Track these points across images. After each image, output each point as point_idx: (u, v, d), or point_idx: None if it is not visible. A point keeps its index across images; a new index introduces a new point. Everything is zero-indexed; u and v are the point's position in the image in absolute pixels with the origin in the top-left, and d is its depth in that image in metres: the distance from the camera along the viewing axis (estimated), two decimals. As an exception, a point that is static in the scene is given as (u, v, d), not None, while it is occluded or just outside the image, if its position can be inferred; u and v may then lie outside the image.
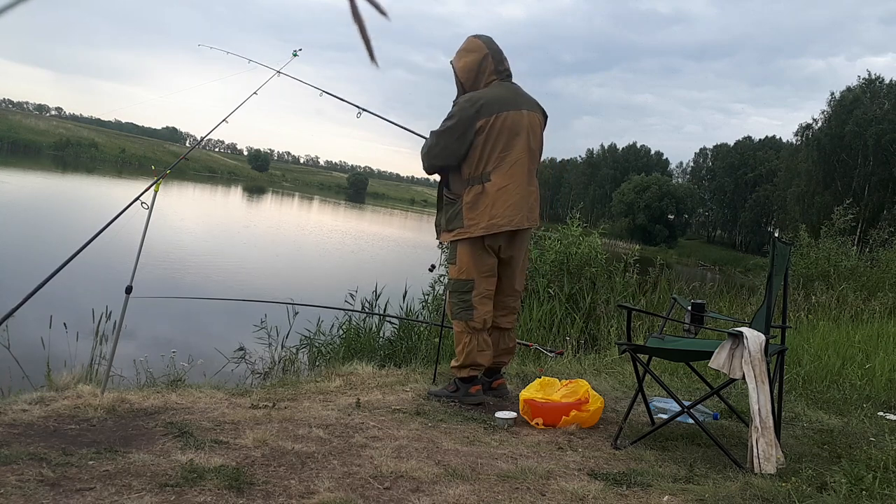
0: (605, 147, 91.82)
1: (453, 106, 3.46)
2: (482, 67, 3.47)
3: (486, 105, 3.36)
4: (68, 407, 2.79)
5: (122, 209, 3.07)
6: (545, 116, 3.63)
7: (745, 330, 2.77)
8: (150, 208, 3.08)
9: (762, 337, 2.75)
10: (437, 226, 3.68)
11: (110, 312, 4.70)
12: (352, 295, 6.87)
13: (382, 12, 0.58)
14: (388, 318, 6.66)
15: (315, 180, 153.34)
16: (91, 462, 2.22)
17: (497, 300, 3.58)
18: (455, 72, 3.53)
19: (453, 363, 3.57)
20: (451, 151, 3.41)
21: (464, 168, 3.42)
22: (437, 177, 3.68)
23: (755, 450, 2.67)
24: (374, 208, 77.49)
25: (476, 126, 3.34)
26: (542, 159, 3.70)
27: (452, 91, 3.59)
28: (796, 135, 53.32)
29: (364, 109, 4.19)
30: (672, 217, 71.72)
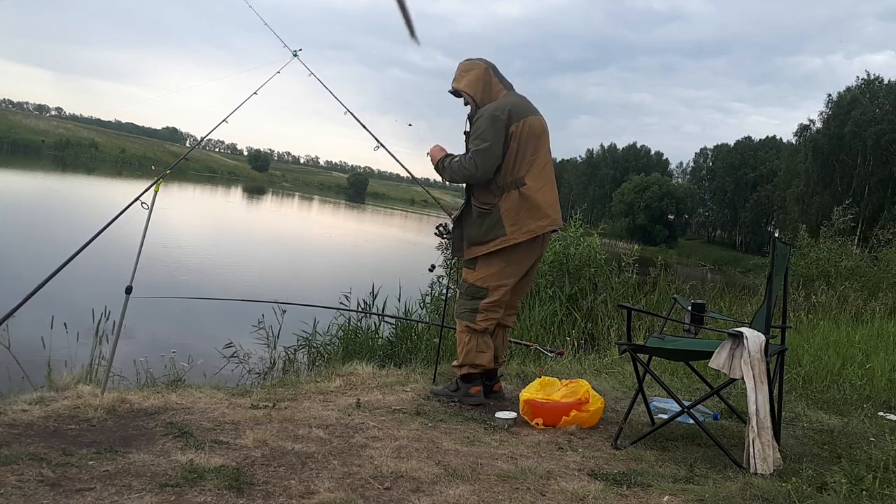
0: (605, 147, 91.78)
1: (477, 119, 3.41)
2: (487, 79, 3.47)
3: (513, 111, 3.38)
4: (68, 407, 2.79)
5: (122, 209, 3.07)
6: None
7: (745, 330, 2.77)
8: (150, 208, 3.08)
9: (762, 337, 2.75)
10: (457, 241, 3.59)
11: (109, 312, 4.70)
12: (346, 297, 6.85)
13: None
14: (386, 319, 6.66)
15: (315, 180, 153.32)
16: (91, 462, 2.22)
17: (508, 300, 3.58)
18: (462, 95, 3.48)
19: (454, 362, 3.58)
20: (497, 160, 3.36)
21: (496, 176, 3.40)
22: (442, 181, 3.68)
23: (751, 450, 2.67)
24: (374, 208, 77.46)
25: (509, 132, 3.35)
26: None
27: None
28: (795, 135, 53.38)
29: (382, 145, 4.20)
30: (672, 217, 71.68)
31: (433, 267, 5.04)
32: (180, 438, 2.53)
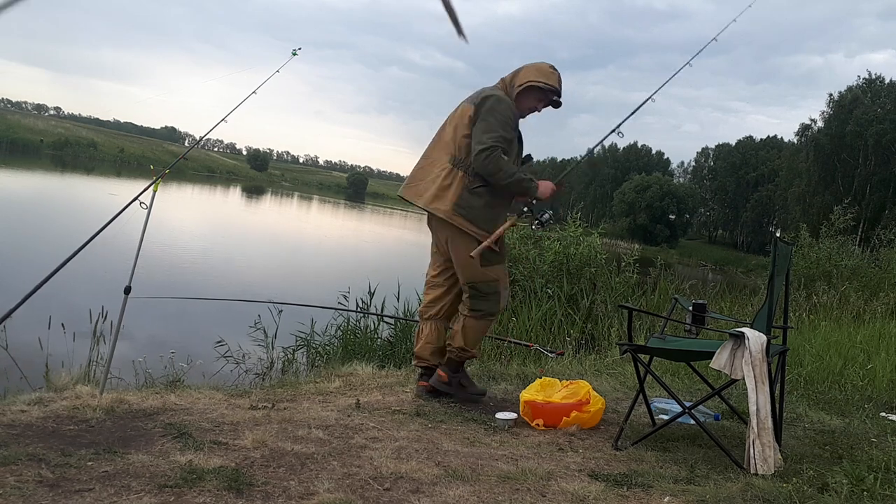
0: (606, 147, 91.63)
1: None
2: (524, 86, 3.43)
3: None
4: (67, 408, 2.78)
5: (120, 209, 3.06)
6: (483, 101, 3.39)
7: (746, 330, 2.76)
8: (149, 208, 3.07)
9: (763, 337, 2.74)
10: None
11: (107, 313, 4.68)
12: (345, 296, 6.84)
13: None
14: (385, 319, 6.64)
15: (314, 180, 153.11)
16: (90, 463, 2.21)
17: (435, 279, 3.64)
18: (518, 71, 3.49)
19: (460, 344, 3.55)
20: None
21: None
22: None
23: (752, 450, 2.66)
24: (374, 208, 77.40)
25: None
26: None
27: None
28: (797, 134, 53.38)
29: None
30: (673, 217, 71.61)
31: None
32: (179, 439, 2.53)
